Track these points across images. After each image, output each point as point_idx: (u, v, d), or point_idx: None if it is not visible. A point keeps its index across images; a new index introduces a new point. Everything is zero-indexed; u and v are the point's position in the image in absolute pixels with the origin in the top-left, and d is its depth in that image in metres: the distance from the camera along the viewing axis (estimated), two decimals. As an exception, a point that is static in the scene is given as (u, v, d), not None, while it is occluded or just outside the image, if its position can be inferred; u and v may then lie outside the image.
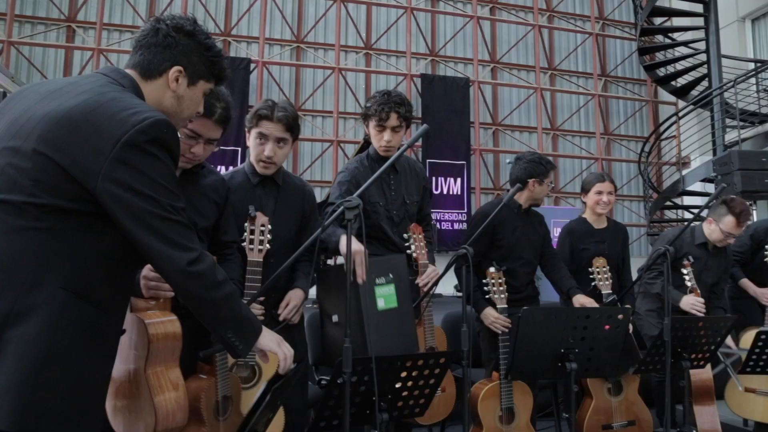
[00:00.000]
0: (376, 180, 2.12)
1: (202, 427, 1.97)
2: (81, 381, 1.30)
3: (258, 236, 2.22)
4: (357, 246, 2.17)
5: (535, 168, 3.13)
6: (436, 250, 2.71)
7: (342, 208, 1.73)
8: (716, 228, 3.47)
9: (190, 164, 2.10)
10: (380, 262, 2.41)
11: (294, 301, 2.38)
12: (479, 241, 2.56)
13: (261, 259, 2.21)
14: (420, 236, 2.74)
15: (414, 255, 2.69)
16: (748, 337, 3.53)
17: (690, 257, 3.48)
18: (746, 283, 3.74)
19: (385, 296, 2.39)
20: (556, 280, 3.24)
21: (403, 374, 2.11)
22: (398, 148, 2.68)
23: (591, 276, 3.23)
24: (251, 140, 2.40)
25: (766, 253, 3.64)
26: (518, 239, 3.11)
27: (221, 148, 9.27)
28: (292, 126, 2.40)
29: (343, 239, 2.17)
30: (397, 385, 2.12)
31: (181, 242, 1.36)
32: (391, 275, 2.40)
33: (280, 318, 2.35)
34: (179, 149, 1.42)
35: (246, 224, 2.22)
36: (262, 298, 2.23)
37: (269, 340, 1.61)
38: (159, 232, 1.33)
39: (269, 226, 2.25)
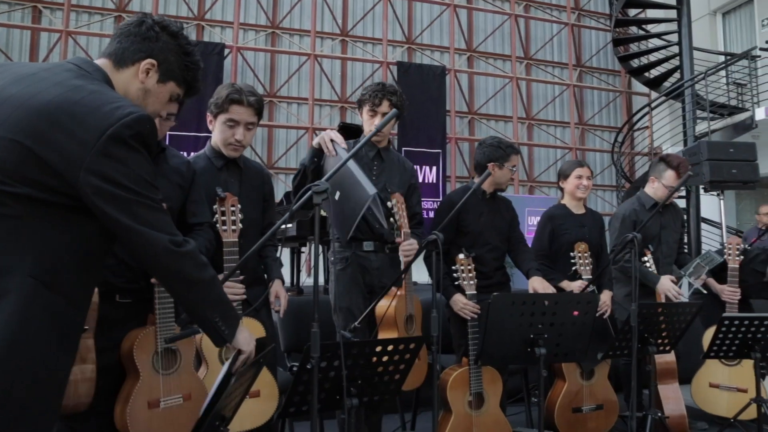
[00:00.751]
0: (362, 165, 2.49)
1: (137, 378, 1.92)
2: (44, 372, 1.29)
3: (230, 216, 2.22)
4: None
5: (494, 152, 3.16)
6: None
7: (310, 192, 1.71)
8: (659, 185, 3.63)
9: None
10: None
11: (283, 293, 2.49)
12: (446, 228, 2.57)
13: (237, 239, 2.21)
14: (403, 205, 2.81)
15: (398, 223, 2.76)
16: (709, 335, 3.62)
17: (650, 246, 3.58)
18: (709, 280, 3.82)
19: None
20: (519, 262, 3.27)
21: (374, 359, 2.12)
22: (388, 136, 2.96)
23: (572, 261, 3.27)
24: (218, 125, 2.40)
25: (725, 251, 3.71)
26: (484, 225, 3.13)
27: (195, 134, 9.16)
28: (260, 110, 2.43)
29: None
30: (368, 371, 2.13)
31: (164, 227, 1.39)
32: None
33: (281, 314, 2.49)
34: (156, 143, 1.44)
35: (216, 206, 2.21)
36: (241, 277, 2.24)
37: (244, 334, 1.64)
38: (143, 218, 1.34)
39: (239, 206, 2.24)
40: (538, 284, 3.08)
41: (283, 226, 4.92)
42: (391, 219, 2.75)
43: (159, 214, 1.39)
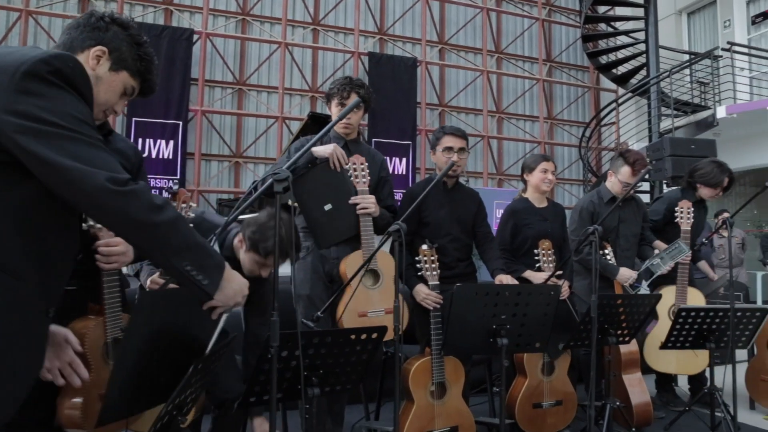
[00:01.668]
0: None
1: (89, 371, 1.80)
2: None
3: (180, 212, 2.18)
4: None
5: (433, 139, 3.22)
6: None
7: (271, 180, 1.69)
8: (616, 180, 3.70)
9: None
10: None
11: None
12: (408, 219, 2.57)
13: None
14: (362, 165, 2.88)
15: (354, 182, 2.86)
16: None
17: (609, 239, 3.65)
18: (659, 244, 3.92)
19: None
20: (486, 260, 3.30)
21: (335, 349, 2.11)
22: (357, 129, 3.07)
23: (536, 258, 3.31)
24: (248, 257, 2.37)
25: (676, 214, 3.80)
26: (445, 216, 3.14)
27: (162, 121, 8.99)
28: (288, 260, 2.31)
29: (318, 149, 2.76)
30: (329, 360, 2.12)
31: (103, 165, 1.21)
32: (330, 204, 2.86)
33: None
34: (91, 93, 1.32)
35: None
36: None
37: (232, 285, 1.43)
38: (73, 152, 1.18)
39: (192, 204, 2.20)
40: (504, 279, 3.11)
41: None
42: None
43: (97, 151, 1.22)
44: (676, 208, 3.83)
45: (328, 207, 2.85)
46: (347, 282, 2.57)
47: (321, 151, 2.78)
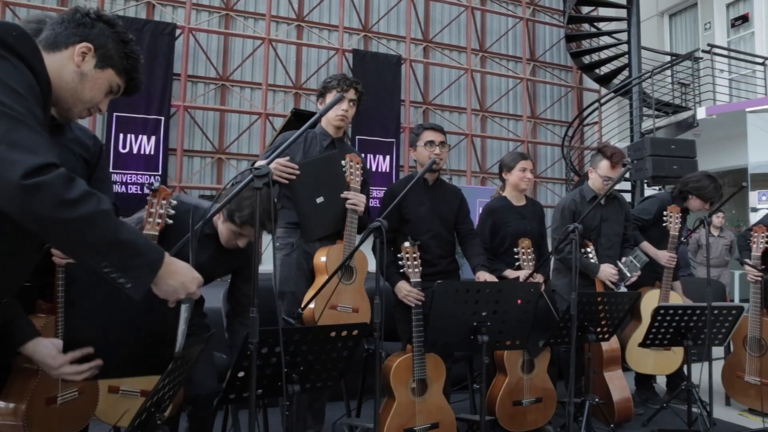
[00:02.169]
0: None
1: (37, 374, 1.79)
2: None
3: (158, 209, 2.17)
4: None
5: (412, 137, 3.24)
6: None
7: (251, 175, 1.68)
8: (596, 175, 3.72)
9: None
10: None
11: None
12: (389, 217, 2.58)
13: (156, 233, 2.16)
14: (357, 165, 2.95)
15: (348, 179, 2.92)
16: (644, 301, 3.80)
17: (590, 237, 3.68)
18: (646, 245, 3.96)
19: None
20: (468, 257, 3.31)
21: (316, 346, 2.11)
22: (348, 125, 3.21)
23: (516, 256, 3.32)
24: (225, 227, 2.28)
25: (664, 218, 3.85)
26: (426, 213, 3.15)
27: (143, 116, 8.89)
28: (270, 230, 2.33)
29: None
30: (310, 357, 2.12)
31: (24, 145, 1.09)
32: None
33: None
34: (42, 65, 1.25)
35: (148, 197, 2.15)
36: None
37: (170, 282, 1.32)
38: None
39: (173, 201, 2.19)
40: (486, 277, 3.12)
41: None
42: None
43: (23, 129, 1.10)
44: (665, 213, 3.87)
45: (320, 200, 2.91)
46: (330, 276, 2.56)
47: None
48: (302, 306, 2.64)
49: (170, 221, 2.20)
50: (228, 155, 9.89)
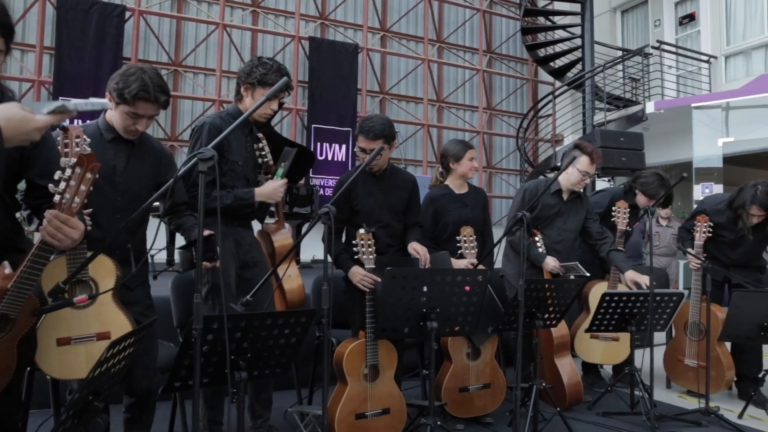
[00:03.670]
0: (241, 142, 2.79)
1: None
2: None
3: (73, 147, 1.80)
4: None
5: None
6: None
7: (195, 159, 1.64)
8: (573, 170, 3.74)
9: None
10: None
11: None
12: (339, 208, 2.56)
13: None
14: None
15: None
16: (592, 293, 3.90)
17: (539, 227, 3.75)
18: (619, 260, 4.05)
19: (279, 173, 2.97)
20: (405, 239, 3.28)
21: (263, 333, 2.08)
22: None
23: (458, 244, 3.34)
24: (119, 111, 2.23)
25: (613, 213, 3.95)
26: (374, 204, 3.12)
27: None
28: (167, 104, 2.30)
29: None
30: (257, 344, 2.10)
31: None
32: (282, 163, 2.98)
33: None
34: None
35: (59, 138, 1.82)
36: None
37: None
38: None
39: (87, 138, 1.88)
40: (417, 247, 3.10)
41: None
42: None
43: None
44: (614, 208, 3.97)
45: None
46: (279, 263, 2.53)
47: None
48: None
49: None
50: (181, 142, 9.67)
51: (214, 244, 2.29)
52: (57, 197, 1.60)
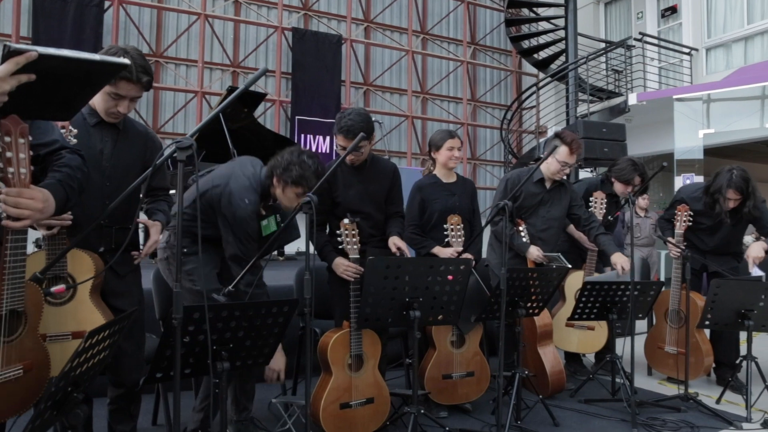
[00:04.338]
0: None
1: None
2: None
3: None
4: None
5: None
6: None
7: (174, 146, 1.62)
8: (553, 160, 3.76)
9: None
10: None
11: (153, 235, 2.36)
12: (320, 200, 2.55)
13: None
14: None
15: None
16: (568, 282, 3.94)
17: (523, 216, 3.77)
18: (571, 228, 4.10)
19: (264, 226, 2.75)
20: (387, 230, 3.26)
21: (245, 323, 2.08)
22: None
23: (445, 232, 3.35)
24: (100, 93, 2.17)
25: (590, 203, 3.98)
26: (355, 195, 3.10)
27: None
28: (150, 86, 2.24)
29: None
30: (239, 334, 2.09)
31: None
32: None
33: (140, 255, 2.33)
34: None
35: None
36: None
37: None
38: None
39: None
40: (398, 242, 3.09)
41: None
42: None
43: None
44: (591, 198, 3.99)
45: None
46: (260, 254, 2.51)
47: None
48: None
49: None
50: (163, 135, 9.55)
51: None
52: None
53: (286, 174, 2.57)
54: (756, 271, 3.77)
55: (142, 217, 2.41)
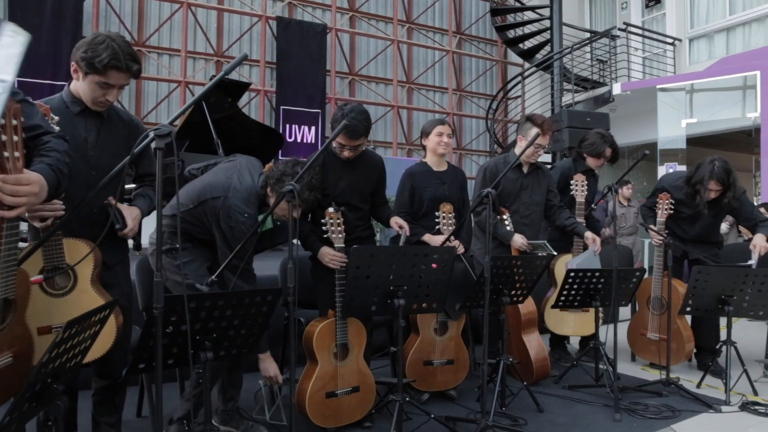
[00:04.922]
0: None
1: None
2: None
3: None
4: None
5: (332, 119, 3.12)
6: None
7: (152, 135, 1.60)
8: (525, 143, 3.76)
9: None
10: None
11: (129, 221, 2.25)
12: (313, 194, 2.56)
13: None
14: None
15: None
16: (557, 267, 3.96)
17: (507, 204, 3.78)
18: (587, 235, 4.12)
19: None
20: (381, 218, 3.31)
21: (228, 312, 2.07)
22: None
23: (437, 220, 3.35)
24: (87, 81, 2.14)
25: (571, 186, 4.01)
26: (344, 187, 3.09)
27: (50, 82, 8.33)
28: (138, 74, 2.21)
29: None
30: (222, 323, 2.08)
31: None
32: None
33: (126, 232, 2.23)
34: None
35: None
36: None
37: None
38: None
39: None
40: (399, 220, 3.17)
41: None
42: None
43: None
44: (572, 182, 4.00)
45: None
46: (240, 244, 2.50)
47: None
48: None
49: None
50: (146, 125, 9.43)
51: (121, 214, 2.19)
52: None
53: (278, 185, 2.59)
54: (754, 260, 3.80)
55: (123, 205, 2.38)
